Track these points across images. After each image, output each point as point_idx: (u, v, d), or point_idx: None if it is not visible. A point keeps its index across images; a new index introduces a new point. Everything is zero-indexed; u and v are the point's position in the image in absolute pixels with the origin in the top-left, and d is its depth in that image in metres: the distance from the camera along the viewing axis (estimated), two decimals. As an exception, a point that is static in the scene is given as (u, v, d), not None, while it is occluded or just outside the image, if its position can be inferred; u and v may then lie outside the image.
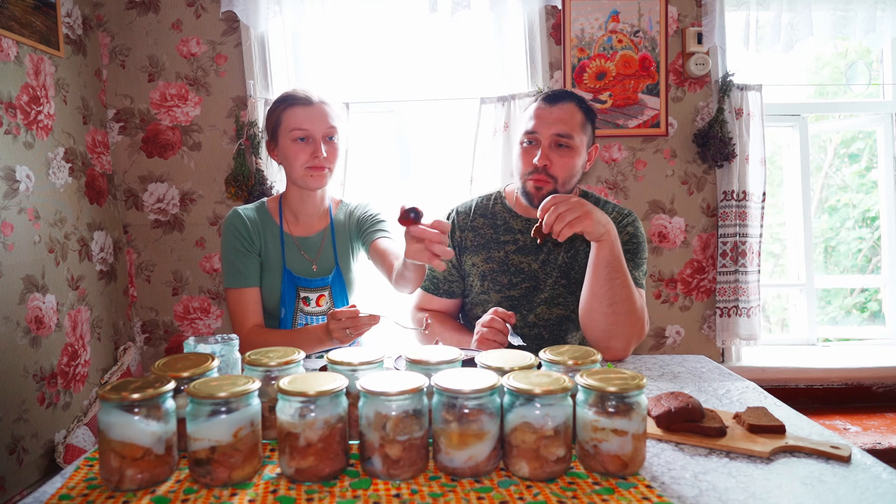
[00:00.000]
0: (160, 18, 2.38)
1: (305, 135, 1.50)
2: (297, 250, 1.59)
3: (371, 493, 0.76)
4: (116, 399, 0.77)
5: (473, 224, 1.60)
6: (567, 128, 1.43)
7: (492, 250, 1.56)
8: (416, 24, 2.42)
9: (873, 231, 3.62)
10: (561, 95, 1.47)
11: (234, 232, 1.56)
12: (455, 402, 0.79)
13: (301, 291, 1.57)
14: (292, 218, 1.62)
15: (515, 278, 1.53)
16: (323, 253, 1.61)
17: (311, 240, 1.61)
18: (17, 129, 1.88)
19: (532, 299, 1.53)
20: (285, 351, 0.98)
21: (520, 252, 1.54)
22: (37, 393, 1.90)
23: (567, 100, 1.47)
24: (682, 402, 0.93)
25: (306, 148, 1.50)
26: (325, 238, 1.63)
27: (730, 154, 2.36)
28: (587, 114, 1.49)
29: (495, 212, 1.60)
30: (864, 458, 0.84)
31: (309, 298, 1.57)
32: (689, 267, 2.50)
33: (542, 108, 1.46)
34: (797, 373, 2.44)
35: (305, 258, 1.59)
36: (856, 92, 2.71)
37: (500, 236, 1.56)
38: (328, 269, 1.61)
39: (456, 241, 1.60)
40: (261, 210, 1.62)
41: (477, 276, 1.57)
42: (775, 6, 2.33)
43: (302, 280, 1.57)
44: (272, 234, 1.59)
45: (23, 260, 1.86)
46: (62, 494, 0.78)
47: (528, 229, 1.54)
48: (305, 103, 1.51)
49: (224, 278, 1.57)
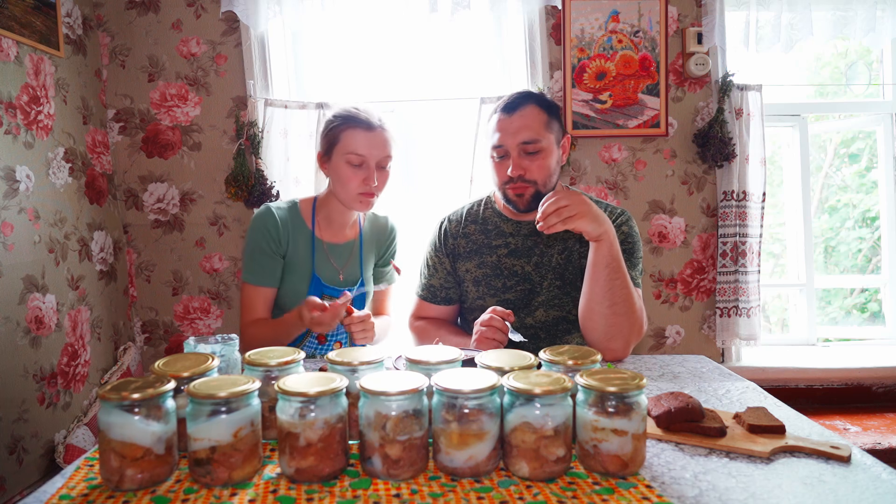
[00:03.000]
0: (160, 18, 2.38)
1: (361, 161, 1.48)
2: (327, 257, 1.59)
3: (371, 493, 0.76)
4: (116, 399, 0.77)
5: (465, 231, 1.60)
6: (532, 133, 1.42)
7: (484, 255, 1.56)
8: (416, 24, 2.42)
9: (873, 231, 3.62)
10: (519, 101, 1.45)
11: (264, 230, 1.54)
12: (455, 402, 0.79)
13: (325, 299, 1.56)
14: (325, 223, 1.61)
15: (509, 281, 1.53)
16: (351, 263, 1.62)
17: (340, 247, 1.62)
18: (17, 129, 1.88)
19: (529, 302, 1.53)
20: (285, 351, 0.98)
21: (512, 255, 1.53)
22: (37, 393, 1.90)
23: (525, 104, 1.45)
24: (682, 402, 0.93)
25: (360, 173, 1.49)
26: (353, 248, 1.63)
27: (730, 154, 2.36)
28: (549, 110, 1.47)
29: (486, 217, 1.60)
30: (864, 458, 0.84)
31: None
32: (689, 267, 2.50)
33: (503, 119, 1.45)
34: (797, 373, 2.44)
35: (334, 266, 1.60)
36: (856, 92, 2.71)
37: (491, 241, 1.56)
38: (354, 279, 1.62)
39: (449, 248, 1.60)
40: (293, 211, 1.61)
41: (471, 282, 1.57)
42: (775, 6, 2.33)
43: (328, 288, 1.57)
44: (303, 237, 1.58)
45: (23, 260, 1.86)
46: (62, 494, 0.78)
47: (519, 232, 1.54)
48: (367, 127, 1.49)
49: (243, 270, 1.57)
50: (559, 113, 1.51)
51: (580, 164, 2.44)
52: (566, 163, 2.37)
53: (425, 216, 2.49)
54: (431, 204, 2.52)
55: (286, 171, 2.35)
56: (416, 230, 2.51)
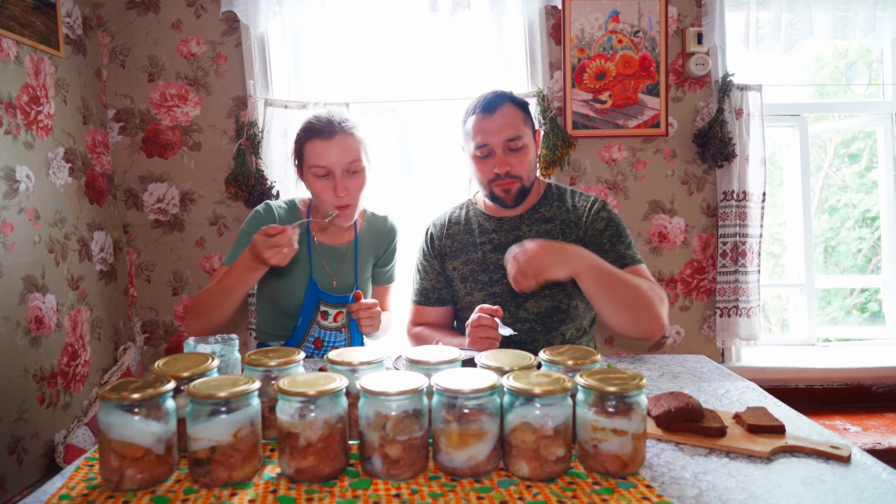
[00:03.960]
0: (160, 18, 2.38)
1: (326, 172, 1.46)
2: (321, 261, 1.59)
3: (371, 493, 0.76)
4: (116, 399, 0.77)
5: (450, 232, 1.64)
6: (515, 130, 1.47)
7: (469, 252, 1.59)
8: (416, 25, 2.42)
9: (873, 231, 3.62)
10: (496, 101, 1.49)
11: (259, 221, 1.54)
12: (455, 402, 0.79)
13: (322, 305, 1.56)
14: (319, 226, 1.61)
15: (495, 275, 1.55)
16: (344, 268, 1.61)
17: (336, 250, 1.61)
18: (17, 129, 1.88)
19: (517, 295, 1.53)
20: (285, 351, 0.98)
21: (496, 250, 1.56)
22: (37, 393, 1.90)
23: (503, 103, 1.49)
24: (682, 402, 0.93)
25: (328, 184, 1.47)
26: (348, 252, 1.62)
27: (730, 154, 2.36)
28: (523, 108, 1.52)
29: (469, 217, 1.64)
30: (864, 458, 0.84)
31: (328, 313, 1.57)
32: (689, 267, 2.50)
33: (484, 118, 1.48)
34: (797, 373, 2.44)
35: (328, 272, 1.59)
36: (856, 92, 2.71)
37: (475, 239, 1.59)
38: (348, 286, 1.61)
39: (436, 249, 1.64)
40: (292, 211, 1.61)
41: (459, 280, 1.59)
42: (775, 6, 2.33)
43: (325, 295, 1.56)
44: (300, 238, 1.57)
45: (23, 260, 1.86)
46: (62, 494, 0.78)
47: (502, 228, 1.57)
48: (326, 135, 1.46)
49: (226, 255, 1.57)
50: (528, 109, 1.56)
51: (580, 164, 2.44)
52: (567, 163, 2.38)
53: (425, 216, 2.49)
54: (431, 204, 2.52)
55: (286, 171, 2.35)
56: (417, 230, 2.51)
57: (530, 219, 1.56)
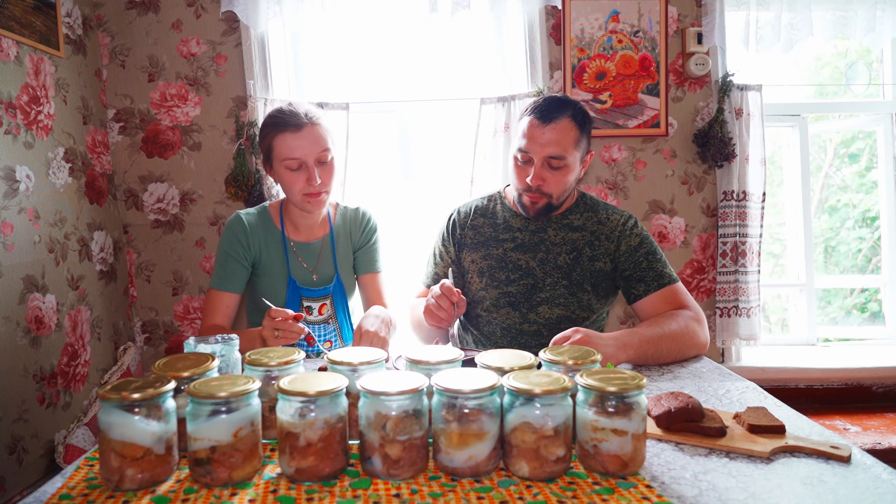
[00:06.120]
0: (160, 18, 2.38)
1: (299, 164, 1.48)
2: (297, 258, 1.60)
3: (371, 493, 0.76)
4: (117, 399, 0.77)
5: (474, 223, 1.62)
6: (560, 149, 1.42)
7: (490, 248, 1.58)
8: (417, 25, 2.42)
9: (873, 231, 3.62)
10: (556, 111, 1.43)
11: (232, 236, 1.57)
12: (455, 401, 0.79)
13: (304, 301, 1.57)
14: (293, 224, 1.62)
15: (513, 275, 1.54)
16: (322, 261, 1.62)
17: (311, 246, 1.62)
18: (17, 129, 1.88)
19: (531, 297, 1.53)
20: (285, 351, 0.98)
21: (518, 249, 1.55)
22: (37, 393, 1.90)
23: (561, 115, 1.42)
24: (682, 402, 0.93)
25: (301, 175, 1.48)
26: (324, 246, 1.63)
27: (730, 154, 2.36)
28: (582, 126, 1.45)
29: (495, 211, 1.62)
30: (864, 458, 0.84)
31: (312, 308, 1.58)
32: (689, 267, 2.50)
33: (535, 126, 1.43)
34: (797, 373, 2.44)
35: (306, 268, 1.60)
36: (856, 92, 2.71)
37: (499, 234, 1.58)
38: (329, 277, 1.62)
39: (456, 238, 1.63)
40: (263, 215, 1.62)
41: (475, 273, 1.58)
42: (775, 6, 2.33)
43: (305, 290, 1.57)
44: (274, 240, 1.59)
45: (23, 260, 1.86)
46: (62, 494, 0.78)
47: (527, 228, 1.56)
48: (295, 128, 1.46)
49: (211, 276, 1.59)
50: (590, 127, 1.50)
51: (580, 164, 2.44)
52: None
53: (425, 216, 2.49)
54: (431, 204, 2.52)
55: (286, 171, 2.35)
56: (417, 230, 2.51)
57: (558, 224, 1.55)
